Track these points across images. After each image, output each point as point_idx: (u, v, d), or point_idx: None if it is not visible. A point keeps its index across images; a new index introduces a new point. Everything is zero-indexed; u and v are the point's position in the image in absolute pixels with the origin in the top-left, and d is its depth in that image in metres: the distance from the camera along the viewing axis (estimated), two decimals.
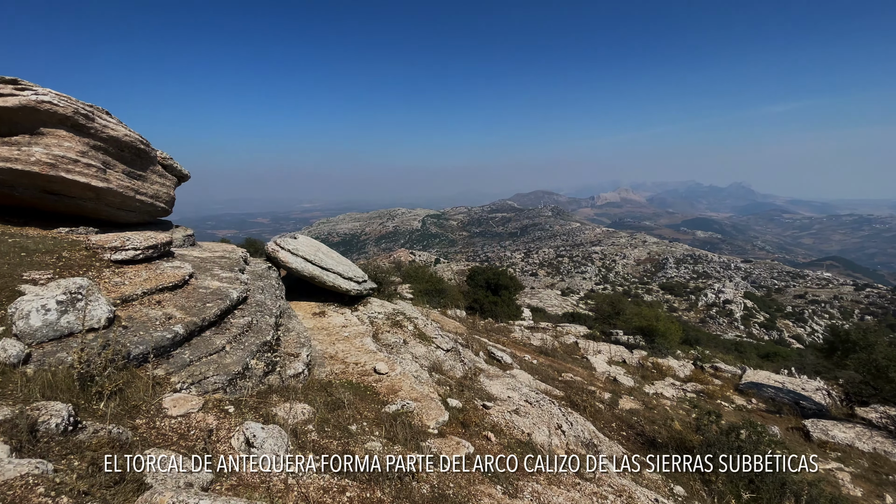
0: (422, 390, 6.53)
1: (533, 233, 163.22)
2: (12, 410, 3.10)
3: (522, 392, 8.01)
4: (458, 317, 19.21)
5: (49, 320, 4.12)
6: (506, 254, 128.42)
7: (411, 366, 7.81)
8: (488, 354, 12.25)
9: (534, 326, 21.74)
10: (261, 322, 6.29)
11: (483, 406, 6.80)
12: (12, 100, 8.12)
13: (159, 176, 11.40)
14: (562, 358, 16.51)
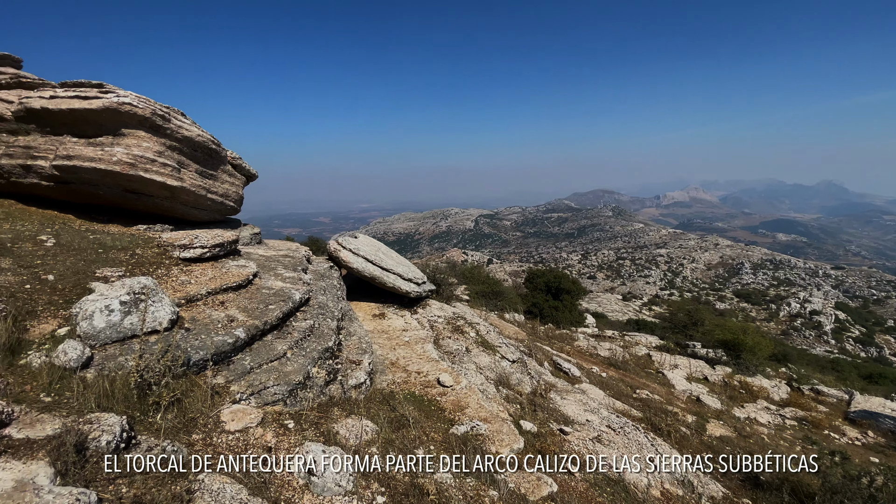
0: (491, 408, 5.90)
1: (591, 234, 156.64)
2: (63, 424, 2.86)
3: (602, 416, 7.13)
4: (517, 321, 18.36)
5: (112, 321, 3.96)
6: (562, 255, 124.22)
7: (476, 378, 7.20)
8: (554, 365, 11.36)
9: (599, 335, 20.34)
10: (322, 326, 5.96)
11: (560, 431, 6.05)
12: (97, 102, 8.53)
13: (229, 175, 11.70)
14: (634, 371, 15.15)
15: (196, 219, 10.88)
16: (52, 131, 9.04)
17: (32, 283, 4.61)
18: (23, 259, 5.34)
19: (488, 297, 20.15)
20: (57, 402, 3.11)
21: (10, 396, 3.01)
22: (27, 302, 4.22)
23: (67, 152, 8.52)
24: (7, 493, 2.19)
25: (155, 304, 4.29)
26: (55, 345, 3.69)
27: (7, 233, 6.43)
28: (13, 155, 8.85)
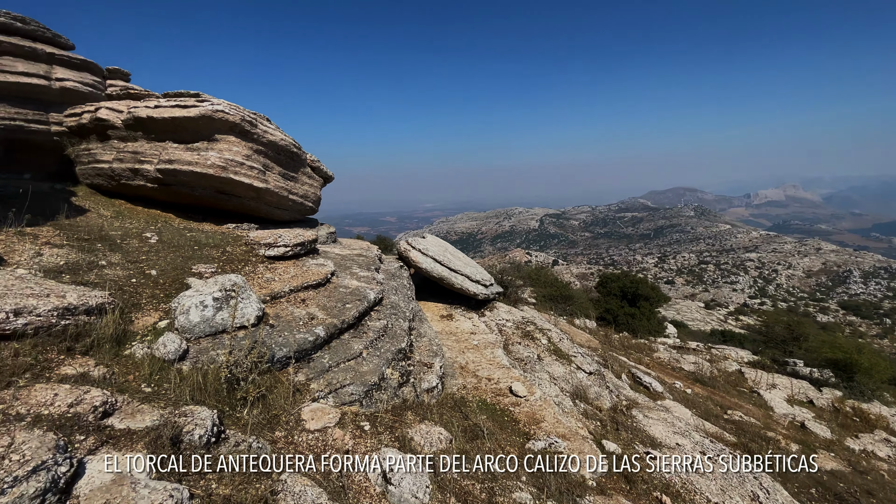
0: (569, 424, 5.49)
1: (670, 235, 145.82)
2: (161, 415, 2.98)
3: (695, 440, 6.39)
4: (588, 328, 17.41)
5: (206, 316, 4.15)
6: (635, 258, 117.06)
7: (550, 389, 6.80)
8: (633, 378, 10.53)
9: (681, 346, 18.70)
10: (395, 326, 5.92)
11: (647, 454, 5.47)
12: (194, 110, 9.29)
13: (308, 177, 12.27)
14: (723, 389, 13.69)
15: (278, 218, 11.54)
16: (156, 138, 10.00)
17: (138, 278, 5.01)
18: (130, 254, 5.86)
19: (556, 300, 19.36)
20: (156, 394, 3.27)
21: (114, 386, 3.21)
22: (133, 295, 4.58)
23: (169, 157, 9.37)
24: (106, 486, 2.27)
25: (243, 300, 4.45)
26: (156, 337, 3.93)
27: (118, 230, 7.16)
28: (123, 159, 9.93)
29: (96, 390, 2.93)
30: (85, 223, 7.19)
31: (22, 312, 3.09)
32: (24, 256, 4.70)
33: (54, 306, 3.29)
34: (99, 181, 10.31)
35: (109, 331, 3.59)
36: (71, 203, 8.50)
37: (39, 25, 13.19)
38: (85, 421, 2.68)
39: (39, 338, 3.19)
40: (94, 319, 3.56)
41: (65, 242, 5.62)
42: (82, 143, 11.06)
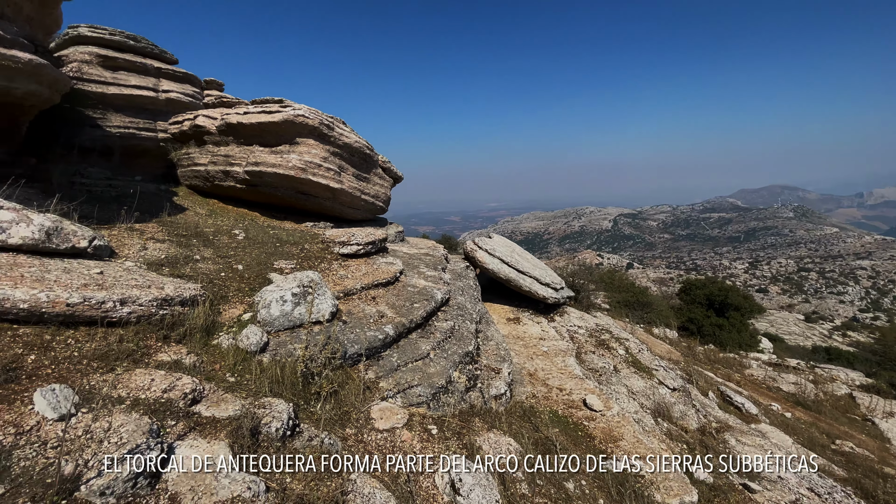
0: (650, 445, 5.01)
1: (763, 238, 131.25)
2: (242, 405, 3.09)
3: (800, 473, 5.55)
4: (668, 338, 16.10)
5: (285, 311, 4.30)
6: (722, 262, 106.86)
7: (629, 404, 6.28)
8: (721, 397, 9.50)
9: (778, 363, 16.63)
10: (462, 328, 5.79)
11: (744, 487, 4.83)
12: (278, 115, 9.89)
13: (379, 178, 12.60)
14: (830, 415, 11.94)
15: (351, 217, 11.97)
16: (245, 142, 10.79)
17: (226, 272, 5.36)
18: (220, 250, 6.31)
19: (632, 307, 18.15)
20: (238, 384, 3.42)
21: (202, 374, 3.39)
22: (221, 288, 4.89)
23: (255, 159, 10.06)
24: (191, 472, 2.36)
25: (319, 296, 4.57)
26: (240, 329, 4.14)
27: (210, 227, 7.79)
28: (216, 162, 10.84)
29: (187, 378, 3.11)
30: (183, 220, 7.90)
31: (126, 302, 3.38)
32: (132, 250, 5.22)
33: (154, 297, 3.57)
34: (196, 182, 11.34)
35: (200, 321, 3.83)
36: (172, 202, 9.42)
37: (149, 43, 14.88)
38: (176, 407, 2.84)
39: (140, 325, 3.47)
40: (187, 310, 3.81)
41: (166, 238, 6.18)
42: (183, 148, 12.27)
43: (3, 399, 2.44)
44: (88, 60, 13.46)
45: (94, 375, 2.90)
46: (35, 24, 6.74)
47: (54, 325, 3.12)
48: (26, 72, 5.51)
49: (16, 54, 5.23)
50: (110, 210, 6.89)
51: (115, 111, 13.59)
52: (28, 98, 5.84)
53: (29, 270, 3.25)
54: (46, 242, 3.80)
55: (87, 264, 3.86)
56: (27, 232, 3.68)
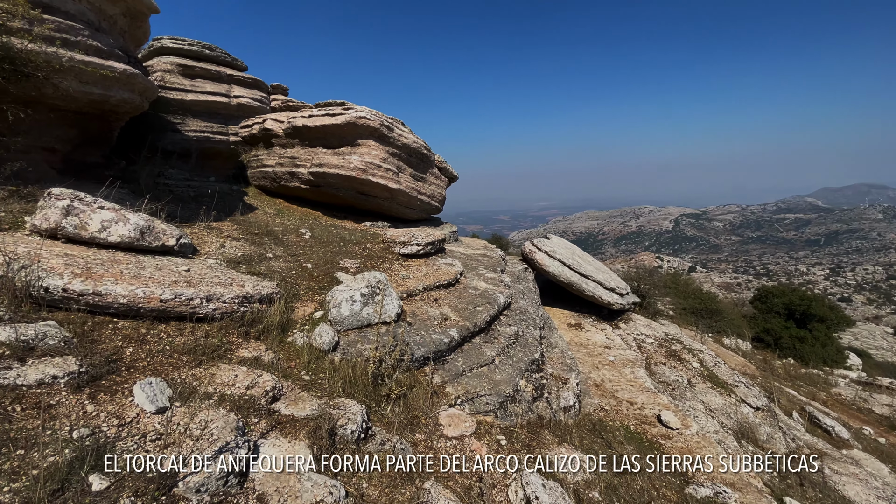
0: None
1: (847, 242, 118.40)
2: (318, 405, 3.10)
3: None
4: (741, 350, 14.85)
5: (354, 311, 4.33)
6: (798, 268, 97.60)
7: (708, 423, 5.78)
8: (808, 419, 8.57)
9: (868, 382, 14.83)
10: (526, 334, 5.59)
11: None
12: (340, 118, 10.15)
13: (435, 178, 12.62)
14: None
15: (407, 217, 12.08)
16: (309, 144, 11.19)
17: (297, 270, 5.51)
18: (289, 248, 6.52)
19: (700, 314, 16.93)
20: (313, 382, 3.46)
21: (280, 371, 3.46)
22: (293, 286, 5.02)
23: (319, 161, 10.39)
24: (276, 473, 2.37)
25: (386, 297, 4.56)
26: (312, 327, 4.21)
27: (279, 226, 8.11)
28: (283, 164, 11.32)
29: (267, 375, 3.17)
30: (254, 219, 8.29)
31: (212, 298, 3.51)
32: (212, 248, 5.49)
33: (236, 294, 3.69)
34: (264, 183, 11.91)
35: (276, 319, 3.92)
36: (244, 202, 9.93)
37: (222, 52, 15.85)
38: (258, 404, 2.90)
39: (224, 322, 3.59)
40: (264, 308, 3.92)
41: (241, 236, 6.48)
42: (252, 150, 12.95)
43: (106, 390, 2.59)
44: (170, 70, 14.57)
45: (183, 369, 3.02)
46: (127, 36, 7.32)
47: (148, 320, 3.30)
48: (121, 81, 5.98)
49: (113, 65, 5.69)
50: (190, 209, 7.35)
51: (192, 116, 14.62)
52: (122, 105, 6.34)
53: (127, 267, 3.46)
54: (140, 240, 4.05)
55: (175, 261, 4.08)
56: (124, 230, 3.94)
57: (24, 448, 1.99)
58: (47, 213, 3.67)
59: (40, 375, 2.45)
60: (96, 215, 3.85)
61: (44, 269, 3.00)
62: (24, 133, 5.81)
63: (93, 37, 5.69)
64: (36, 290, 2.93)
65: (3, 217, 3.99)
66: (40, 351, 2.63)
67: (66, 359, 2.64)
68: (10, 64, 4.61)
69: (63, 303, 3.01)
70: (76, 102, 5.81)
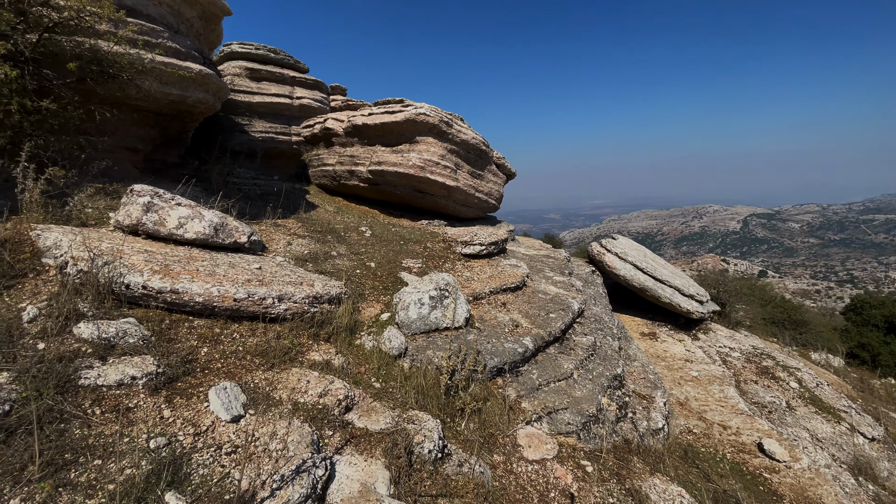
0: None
1: None
2: (391, 417, 2.86)
3: None
4: (832, 366, 13.21)
5: (423, 314, 4.09)
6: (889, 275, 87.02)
7: (818, 454, 4.99)
8: None
9: None
10: (604, 345, 5.10)
11: None
12: (400, 115, 10.03)
13: (493, 175, 12.24)
14: None
15: (463, 216, 11.80)
16: (368, 143, 11.20)
17: (361, 269, 5.37)
18: (352, 246, 6.43)
19: (782, 325, 15.33)
20: (384, 391, 3.23)
21: (350, 377, 3.27)
22: (358, 286, 4.87)
23: (378, 159, 10.35)
24: (353, 497, 2.13)
25: (455, 301, 4.28)
26: (380, 329, 4.01)
27: (340, 224, 8.10)
28: (343, 163, 11.42)
29: (339, 381, 2.98)
30: (316, 217, 8.34)
31: (283, 298, 3.39)
32: (279, 245, 5.48)
33: (306, 294, 3.55)
34: (324, 181, 12.09)
35: (345, 321, 3.75)
36: (306, 200, 10.09)
37: (286, 55, 16.36)
38: (332, 415, 2.70)
39: (294, 322, 3.46)
40: (333, 308, 3.76)
41: (306, 234, 6.47)
42: (313, 149, 13.22)
43: (182, 393, 2.48)
44: (238, 73, 15.23)
45: (256, 372, 2.89)
46: (202, 39, 7.58)
47: (222, 319, 3.22)
48: (197, 81, 6.15)
49: (190, 65, 5.85)
50: (258, 207, 7.50)
51: (258, 118, 15.21)
52: (197, 105, 6.54)
53: (202, 265, 3.41)
54: (214, 237, 4.03)
55: (246, 259, 4.03)
56: (199, 227, 3.93)
57: (101, 457, 1.89)
58: (129, 209, 3.72)
59: (120, 376, 2.38)
60: (174, 212, 3.86)
61: (125, 266, 2.98)
62: (110, 133, 6.13)
63: (172, 39, 5.88)
64: (117, 287, 2.91)
65: (90, 213, 4.12)
66: (120, 349, 2.58)
67: (145, 358, 2.57)
68: (98, 65, 4.80)
69: (142, 300, 2.98)
70: (157, 103, 6.03)
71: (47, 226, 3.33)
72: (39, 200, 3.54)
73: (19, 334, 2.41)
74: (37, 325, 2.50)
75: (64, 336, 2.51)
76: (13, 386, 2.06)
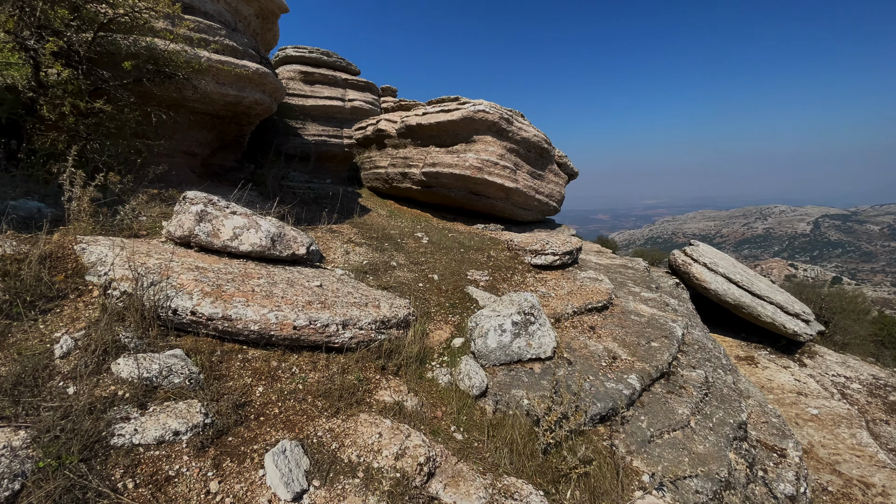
0: None
1: None
2: (485, 489, 2.24)
3: None
4: None
5: (503, 343, 3.45)
6: None
7: None
8: None
9: None
10: (716, 381, 4.22)
11: None
12: (456, 113, 9.46)
13: (554, 175, 11.40)
14: None
15: (521, 219, 11.06)
16: (422, 143, 10.72)
17: (423, 282, 4.82)
18: (411, 255, 5.90)
19: (882, 344, 13.32)
20: (468, 444, 2.62)
21: (426, 423, 2.69)
22: (423, 302, 4.31)
23: (432, 160, 9.84)
24: None
25: (540, 327, 3.60)
26: (453, 358, 3.41)
27: (394, 229, 7.62)
28: (396, 165, 11.01)
29: (416, 435, 2.40)
30: (370, 222, 7.92)
31: (348, 325, 2.86)
32: (337, 254, 5.04)
33: (373, 319, 3.01)
34: (376, 184, 11.74)
35: (414, 350, 3.19)
36: (359, 203, 9.74)
37: (338, 57, 16.28)
38: (412, 486, 2.11)
39: (360, 352, 2.93)
40: (401, 334, 3.20)
41: (362, 241, 6.03)
42: (365, 152, 12.94)
43: (233, 454, 1.99)
44: (293, 77, 15.30)
45: (319, 420, 2.36)
46: (259, 38, 7.36)
47: (280, 349, 2.74)
48: (254, 81, 5.87)
49: (247, 64, 5.57)
50: (312, 211, 7.18)
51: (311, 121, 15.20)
52: (254, 106, 6.28)
53: (258, 283, 2.96)
54: (271, 249, 3.60)
55: (305, 273, 3.56)
56: (255, 238, 3.50)
57: None
58: (182, 218, 3.35)
59: (160, 431, 1.91)
60: (228, 221, 3.46)
61: (173, 287, 2.56)
62: (167, 137, 5.98)
63: (229, 36, 5.61)
64: (164, 312, 2.49)
65: (143, 222, 3.82)
66: (163, 392, 2.13)
67: (191, 404, 2.10)
68: (154, 64, 4.56)
69: (191, 326, 2.55)
70: (213, 104, 5.80)
71: (94, 238, 3.00)
72: (88, 209, 3.23)
73: (48, 375, 2.01)
74: (70, 363, 2.10)
75: (99, 376, 2.09)
76: (29, 451, 1.63)
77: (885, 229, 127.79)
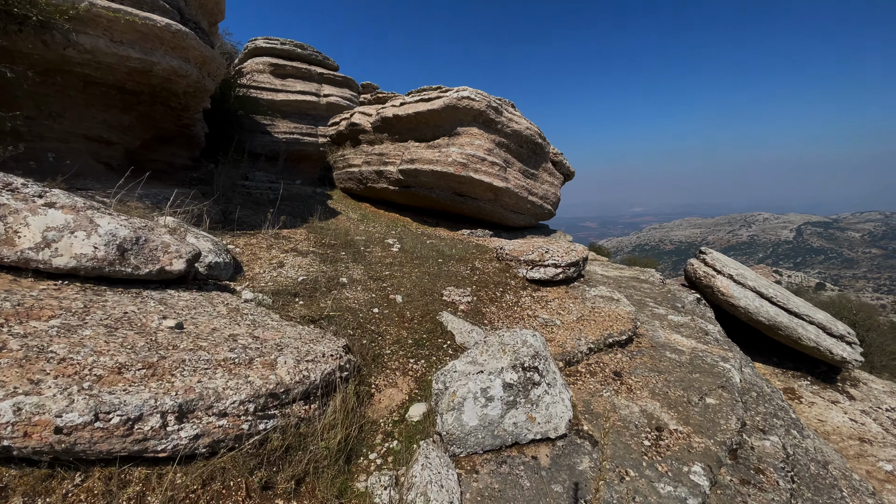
0: None
1: None
2: None
3: None
4: None
5: (490, 418, 2.11)
6: None
7: None
8: None
9: None
10: (796, 451, 2.91)
11: None
12: (438, 102, 8.18)
13: (549, 174, 10.16)
14: None
15: (512, 224, 9.79)
16: (399, 138, 9.42)
17: (380, 306, 3.47)
18: (372, 267, 4.56)
19: None
20: None
21: None
22: (373, 338, 2.97)
23: (410, 156, 8.53)
24: None
25: (547, 388, 2.27)
26: (406, 447, 2.05)
27: (362, 234, 6.29)
28: (371, 162, 9.69)
29: None
30: (334, 226, 6.58)
31: (193, 410, 1.50)
32: (263, 267, 3.68)
33: (253, 392, 1.66)
34: (350, 185, 10.41)
35: (335, 440, 1.84)
36: (326, 206, 8.39)
37: (314, 50, 14.97)
38: None
39: (221, 459, 1.56)
40: (314, 411, 1.85)
41: (311, 248, 4.68)
42: (339, 150, 11.58)
43: None
44: (261, 69, 13.94)
45: None
46: (194, 6, 5.98)
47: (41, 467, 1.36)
48: (168, 42, 4.52)
49: (152, 16, 4.22)
50: (263, 214, 5.83)
51: (282, 117, 13.83)
52: (174, 79, 4.92)
53: (38, 328, 1.58)
54: (118, 263, 2.23)
55: (170, 304, 2.20)
56: (86, 247, 2.14)
57: None
58: None
59: None
60: (38, 219, 2.09)
61: None
62: (57, 116, 4.62)
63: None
64: None
65: None
66: None
67: None
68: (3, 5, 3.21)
69: None
70: (114, 72, 4.42)
71: None
72: None
73: None
74: None
75: None
76: None
77: (865, 236, 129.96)
